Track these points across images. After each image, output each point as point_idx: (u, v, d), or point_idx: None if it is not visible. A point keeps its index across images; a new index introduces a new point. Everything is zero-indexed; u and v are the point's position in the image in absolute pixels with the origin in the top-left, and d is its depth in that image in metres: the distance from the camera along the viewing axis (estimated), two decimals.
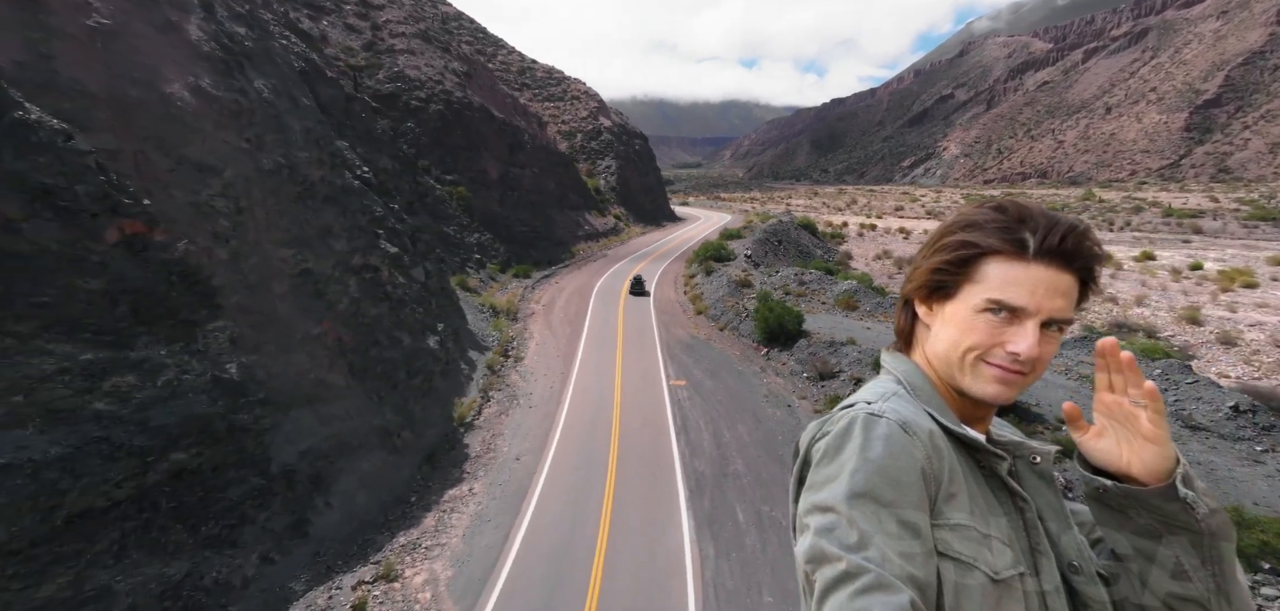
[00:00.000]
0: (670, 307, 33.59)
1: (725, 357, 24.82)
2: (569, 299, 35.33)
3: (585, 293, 37.21)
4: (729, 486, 14.28)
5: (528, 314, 31.52)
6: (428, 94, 43.26)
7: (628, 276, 41.79)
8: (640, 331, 28.43)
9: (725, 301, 31.75)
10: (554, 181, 61.17)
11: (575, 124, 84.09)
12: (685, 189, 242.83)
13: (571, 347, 25.77)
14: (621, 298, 35.40)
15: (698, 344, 26.80)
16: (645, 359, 24.32)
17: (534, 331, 28.23)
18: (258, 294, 12.63)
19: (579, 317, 30.93)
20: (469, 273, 35.82)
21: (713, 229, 74.72)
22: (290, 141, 14.47)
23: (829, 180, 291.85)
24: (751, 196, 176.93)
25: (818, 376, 21.69)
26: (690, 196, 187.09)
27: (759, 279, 36.17)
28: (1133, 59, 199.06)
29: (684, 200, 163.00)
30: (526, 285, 38.53)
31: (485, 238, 41.32)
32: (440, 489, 13.72)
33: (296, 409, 12.10)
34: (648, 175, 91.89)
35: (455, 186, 41.55)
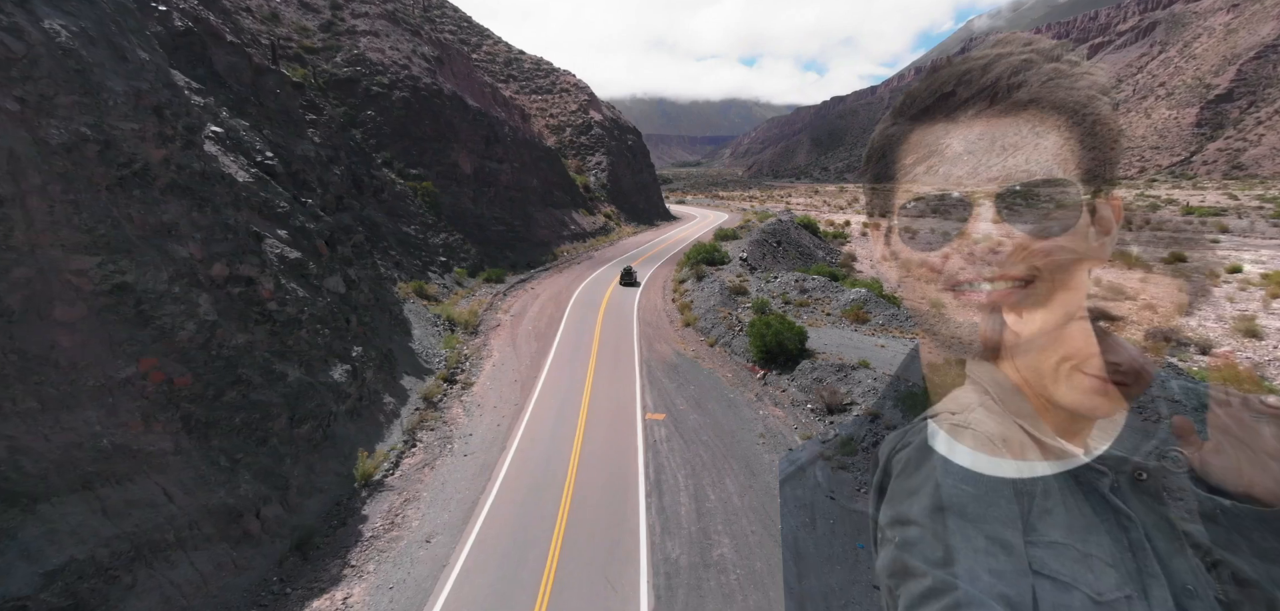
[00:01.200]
0: (655, 317, 29.63)
1: (714, 381, 20.88)
2: (543, 307, 31.34)
3: (562, 299, 33.23)
4: (710, 587, 10.31)
5: (492, 326, 27.53)
6: (392, 79, 39.26)
7: (613, 280, 37.91)
8: (617, 347, 24.48)
9: (717, 311, 27.80)
10: (538, 177, 57.21)
11: (564, 118, 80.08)
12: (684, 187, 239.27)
13: (535, 369, 21.81)
14: (601, 307, 31.45)
15: (683, 363, 22.85)
16: (620, 384, 20.37)
17: (494, 348, 24.26)
18: (19, 325, 8.64)
19: (550, 330, 26.96)
20: (430, 278, 31.86)
21: (708, 229, 70.77)
22: (104, 107, 10.48)
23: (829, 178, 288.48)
24: (750, 195, 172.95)
25: (825, 409, 17.73)
26: (688, 194, 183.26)
27: (755, 285, 32.23)
28: (1140, 54, 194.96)
29: (681, 198, 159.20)
30: (497, 291, 34.56)
31: (454, 238, 37.34)
32: (302, 599, 9.73)
33: (59, 499, 8.11)
34: (641, 172, 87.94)
35: (421, 181, 37.58)
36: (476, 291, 33.91)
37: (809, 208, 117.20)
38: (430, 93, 41.28)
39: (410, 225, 33.92)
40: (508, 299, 33.40)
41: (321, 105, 31.37)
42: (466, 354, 23.00)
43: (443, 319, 26.12)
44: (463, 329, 25.56)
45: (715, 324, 26.66)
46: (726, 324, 26.06)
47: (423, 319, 25.34)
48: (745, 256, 38.83)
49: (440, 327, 25.31)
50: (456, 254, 36.52)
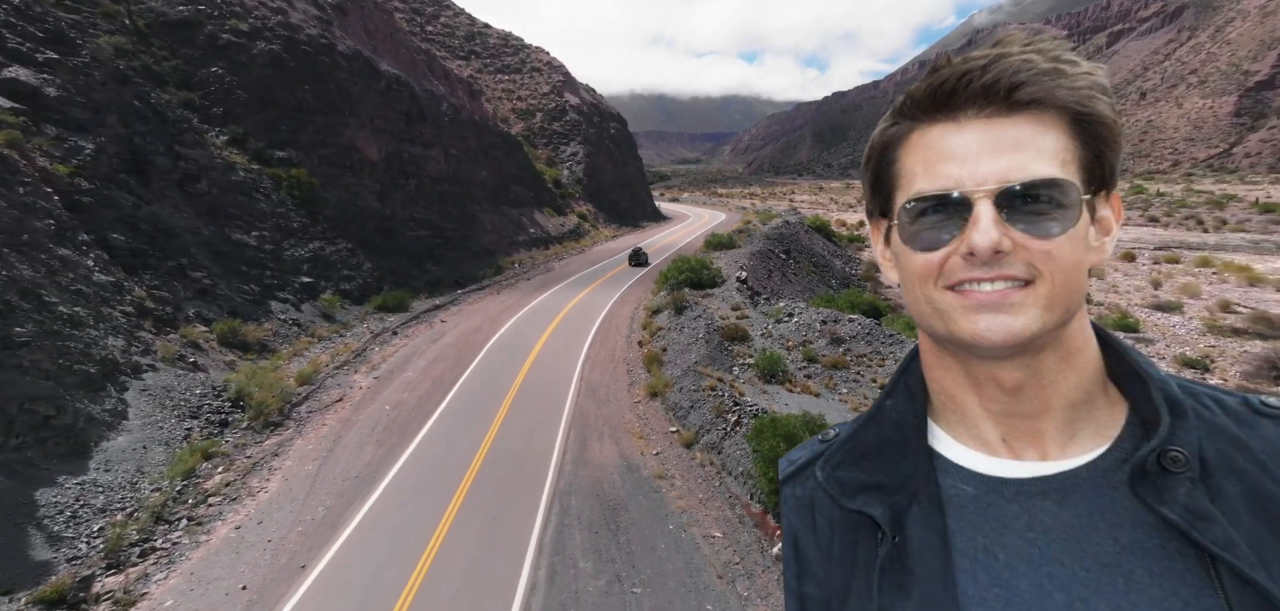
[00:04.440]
0: (607, 375, 18.81)
1: (682, 547, 10.25)
2: (435, 359, 20.48)
3: (474, 342, 22.40)
4: None
5: (324, 404, 16.61)
6: (253, 27, 28.32)
7: (567, 304, 27.25)
8: (524, 453, 13.70)
9: (701, 375, 17.01)
10: (490, 169, 46.34)
11: (535, 101, 68.98)
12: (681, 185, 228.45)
13: (339, 516, 11.03)
14: (530, 356, 20.65)
15: (633, 487, 12.22)
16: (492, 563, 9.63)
17: (288, 463, 13.38)
18: None
19: (423, 410, 16.14)
20: (272, 311, 21.03)
21: (701, 232, 59.94)
22: None
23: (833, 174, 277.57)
24: (751, 192, 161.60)
25: None
26: (684, 192, 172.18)
27: (760, 325, 21.42)
28: (1167, 40, 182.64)
29: (675, 196, 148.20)
30: (384, 328, 23.72)
31: (337, 248, 26.51)
32: None
33: None
34: (626, 165, 76.98)
35: (290, 168, 26.72)
36: (349, 330, 23.07)
37: (815, 206, 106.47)
38: (316, 48, 30.35)
39: (253, 231, 23.03)
40: (394, 342, 22.52)
41: (96, 40, 20.46)
42: (219, 482, 12.14)
43: (225, 392, 15.27)
44: (252, 418, 14.66)
45: (696, 400, 15.85)
46: (713, 403, 15.25)
47: (181, 399, 14.48)
48: (744, 276, 27.85)
49: (210, 413, 14.46)
50: (335, 271, 25.65)
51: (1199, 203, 75.44)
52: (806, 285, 32.65)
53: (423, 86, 39.91)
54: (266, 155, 26.25)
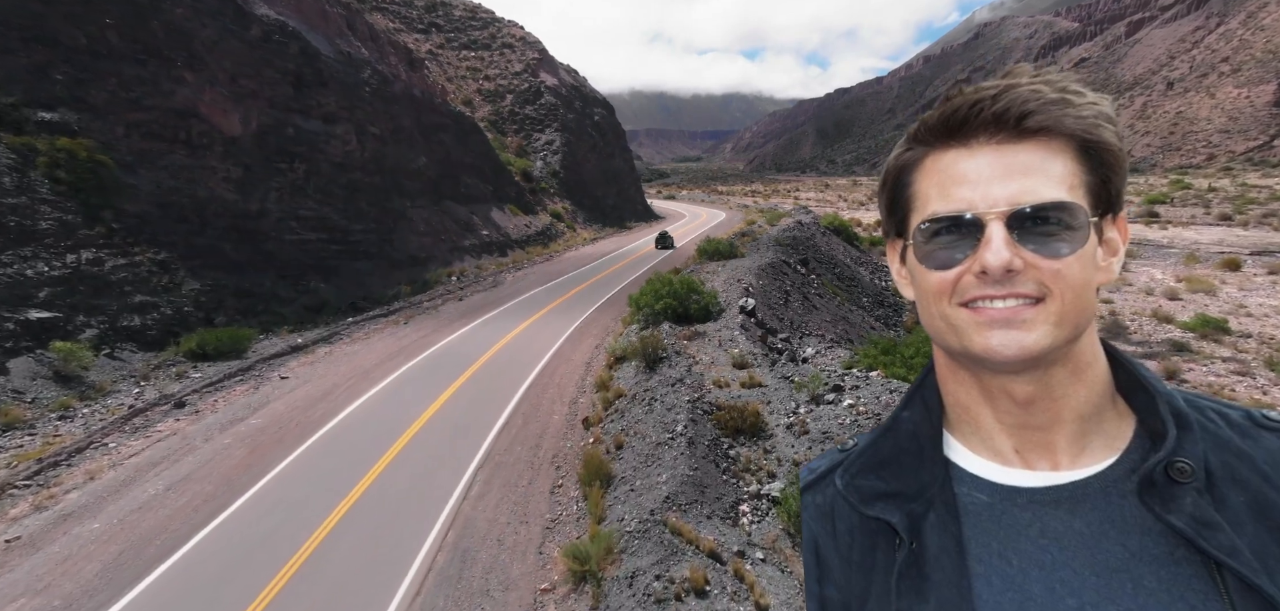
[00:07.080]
0: (502, 516, 9.63)
1: None
2: (198, 473, 11.31)
3: (304, 425, 13.28)
4: None
5: None
6: None
7: (495, 345, 18.45)
8: None
9: (671, 545, 7.89)
10: (432, 154, 37.24)
11: (505, 81, 59.69)
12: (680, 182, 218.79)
13: None
14: (391, 451, 11.58)
15: None
16: None
17: None
18: None
19: None
20: None
21: (697, 233, 50.85)
22: None
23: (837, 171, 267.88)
24: (752, 189, 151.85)
25: None
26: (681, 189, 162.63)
27: (783, 402, 12.19)
28: (1194, 27, 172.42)
29: (672, 194, 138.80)
30: (184, 390, 14.61)
31: (135, 261, 17.43)
32: None
33: None
34: (612, 158, 67.75)
35: (62, 135, 17.61)
36: (103, 397, 13.99)
37: (823, 203, 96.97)
38: None
39: None
40: (161, 426, 13.28)
41: None
42: None
43: None
44: None
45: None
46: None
47: None
48: (752, 306, 18.46)
49: None
50: (114, 298, 16.54)
51: (1264, 198, 66.20)
52: (836, 312, 23.51)
53: (333, 45, 30.75)
54: (18, 116, 17.13)
